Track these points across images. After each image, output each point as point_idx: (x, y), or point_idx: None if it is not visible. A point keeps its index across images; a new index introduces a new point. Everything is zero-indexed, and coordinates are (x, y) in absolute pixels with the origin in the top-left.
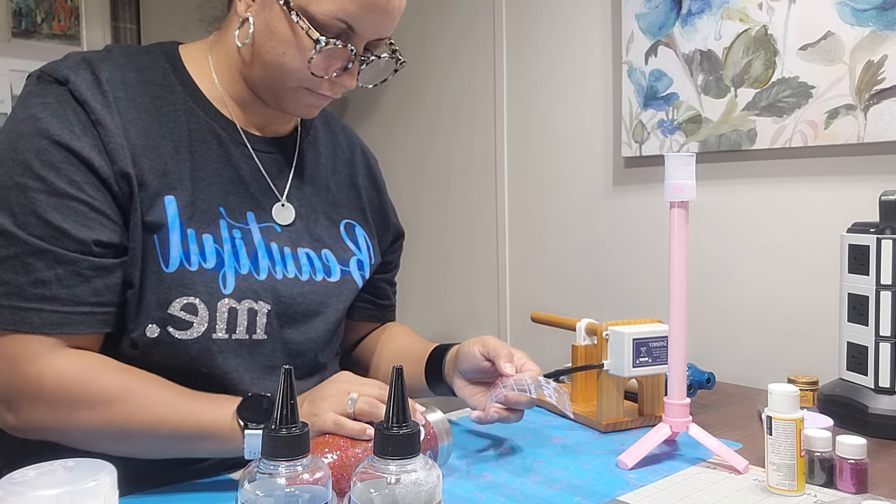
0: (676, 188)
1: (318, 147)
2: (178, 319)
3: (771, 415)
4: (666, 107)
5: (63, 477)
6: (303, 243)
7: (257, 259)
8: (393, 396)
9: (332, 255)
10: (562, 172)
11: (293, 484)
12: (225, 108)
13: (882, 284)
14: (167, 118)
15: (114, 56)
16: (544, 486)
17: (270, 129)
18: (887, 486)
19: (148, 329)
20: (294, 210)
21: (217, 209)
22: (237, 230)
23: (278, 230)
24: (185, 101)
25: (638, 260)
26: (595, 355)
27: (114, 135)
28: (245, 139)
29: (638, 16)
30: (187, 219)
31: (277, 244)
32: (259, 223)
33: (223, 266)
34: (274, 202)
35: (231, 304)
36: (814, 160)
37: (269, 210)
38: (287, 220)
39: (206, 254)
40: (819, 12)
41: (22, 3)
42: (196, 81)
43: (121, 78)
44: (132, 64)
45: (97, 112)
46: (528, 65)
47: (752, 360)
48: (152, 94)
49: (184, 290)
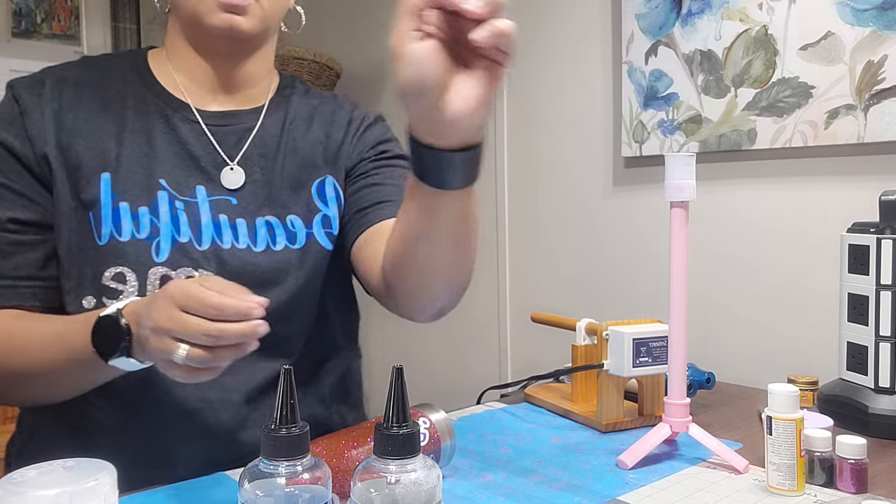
0: (676, 188)
1: (289, 116)
2: (109, 289)
3: (771, 415)
4: (666, 107)
5: (63, 477)
6: (262, 211)
7: (200, 230)
8: (393, 396)
9: (299, 220)
10: (562, 172)
11: (293, 484)
12: (179, 92)
13: (882, 284)
14: (115, 104)
15: (82, 62)
16: (544, 486)
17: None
18: (887, 486)
19: (84, 300)
20: (244, 173)
21: (157, 181)
22: (180, 202)
23: (234, 202)
24: (136, 89)
25: (638, 260)
26: (595, 355)
27: (38, 122)
28: (198, 116)
29: (638, 16)
30: (120, 192)
31: (229, 216)
32: (210, 196)
33: (157, 236)
34: (224, 168)
35: (164, 272)
36: (814, 160)
37: (219, 180)
38: (236, 185)
39: (141, 225)
40: (819, 12)
41: (22, 3)
42: (154, 73)
43: (73, 74)
44: (97, 66)
45: (24, 103)
46: (528, 65)
47: (752, 360)
48: (107, 86)
49: (115, 259)
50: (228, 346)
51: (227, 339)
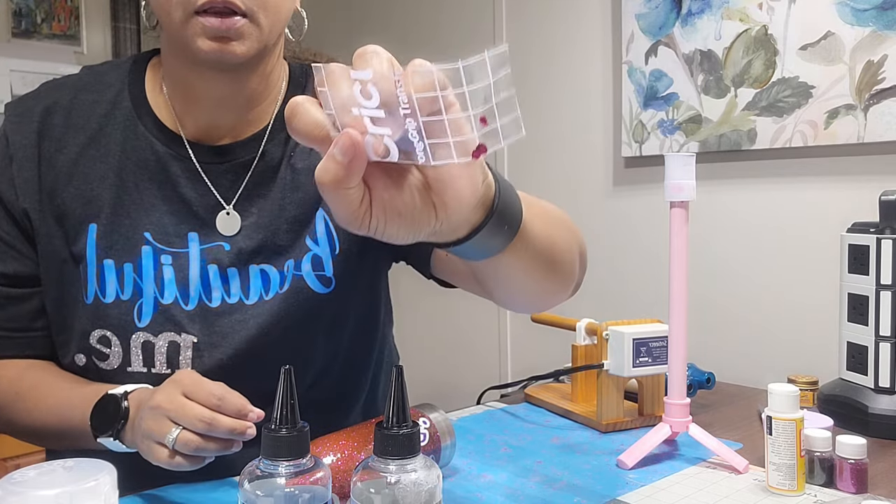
0: (676, 188)
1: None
2: (97, 351)
3: (771, 415)
4: (666, 107)
5: (63, 477)
6: (257, 259)
7: (187, 287)
8: (393, 396)
9: (294, 262)
10: (562, 172)
11: (293, 484)
12: (171, 116)
13: (882, 284)
14: (106, 139)
15: (75, 78)
16: (544, 486)
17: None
18: (887, 486)
19: (76, 357)
20: (239, 218)
21: (141, 235)
22: (167, 255)
23: (227, 248)
24: (128, 117)
25: (638, 260)
26: (595, 355)
27: (25, 169)
28: (190, 152)
29: (638, 16)
30: (105, 248)
31: (219, 266)
32: (203, 244)
33: (141, 297)
34: (220, 212)
35: (146, 338)
36: (814, 160)
37: (213, 225)
38: (232, 231)
39: (126, 284)
40: (819, 12)
41: (22, 3)
42: (148, 94)
43: (65, 104)
44: (93, 84)
45: (14, 147)
46: (529, 64)
47: (752, 360)
48: (100, 112)
49: (99, 321)
50: (217, 439)
51: (218, 430)
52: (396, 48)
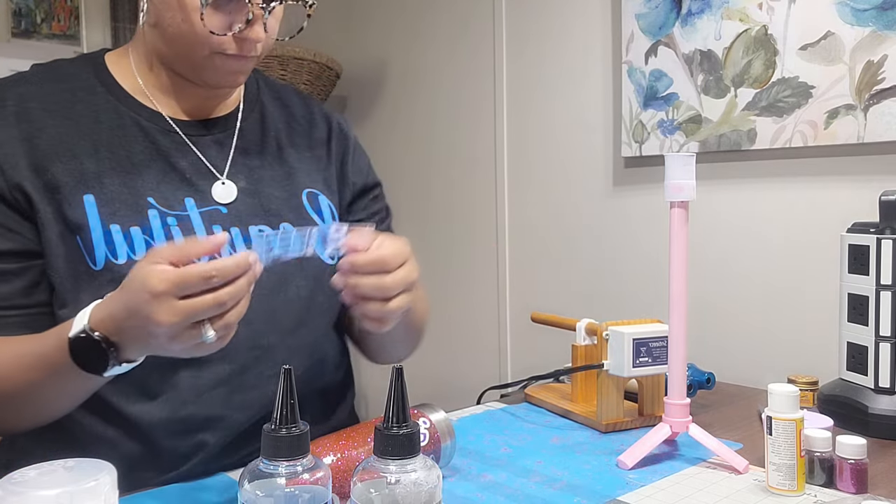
0: (676, 188)
1: (266, 120)
2: None
3: (771, 415)
4: (666, 107)
5: (63, 477)
6: (255, 220)
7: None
8: (393, 396)
9: (290, 227)
10: (562, 172)
11: (293, 484)
12: (149, 101)
13: (882, 284)
14: (87, 119)
15: (32, 72)
16: (544, 486)
17: (207, 110)
18: (887, 486)
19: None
20: (236, 187)
21: (145, 200)
22: (172, 218)
23: (224, 211)
24: (106, 100)
25: (638, 260)
26: (595, 355)
27: (6, 145)
28: (175, 126)
29: (638, 16)
30: (109, 215)
31: (222, 226)
32: (200, 208)
33: None
34: (214, 182)
35: None
36: (814, 160)
37: (208, 192)
38: (229, 199)
39: (136, 246)
40: (819, 12)
41: (22, 3)
42: (118, 81)
43: (36, 91)
44: (53, 76)
45: None
46: (528, 65)
47: (752, 360)
48: (73, 99)
49: (113, 284)
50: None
51: (240, 294)
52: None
